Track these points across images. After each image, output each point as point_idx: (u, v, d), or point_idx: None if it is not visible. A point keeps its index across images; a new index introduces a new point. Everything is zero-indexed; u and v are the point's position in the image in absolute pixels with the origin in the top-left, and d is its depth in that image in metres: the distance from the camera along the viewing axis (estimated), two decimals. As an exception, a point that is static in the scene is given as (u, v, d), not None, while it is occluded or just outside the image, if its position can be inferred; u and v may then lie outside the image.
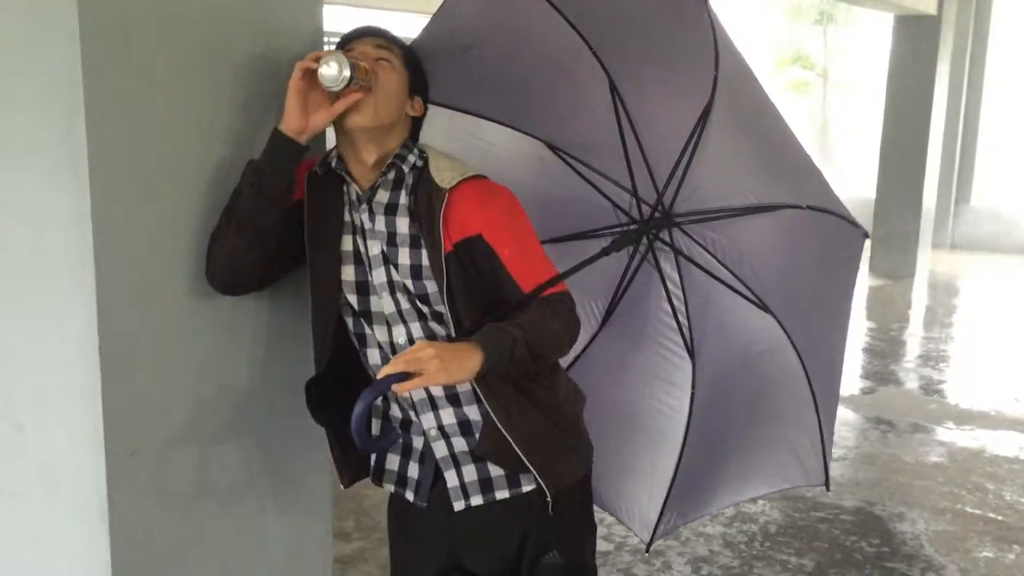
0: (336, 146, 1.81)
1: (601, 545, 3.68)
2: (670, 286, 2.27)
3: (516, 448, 1.75)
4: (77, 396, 1.65)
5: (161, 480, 1.76)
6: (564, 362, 2.01)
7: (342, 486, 1.94)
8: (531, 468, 1.78)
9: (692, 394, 2.30)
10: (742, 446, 2.49)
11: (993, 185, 14.04)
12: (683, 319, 2.28)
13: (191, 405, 1.80)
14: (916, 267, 10.00)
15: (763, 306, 2.23)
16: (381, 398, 1.90)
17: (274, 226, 1.73)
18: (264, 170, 1.70)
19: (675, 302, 2.28)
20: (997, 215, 12.25)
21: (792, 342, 2.26)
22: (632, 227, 2.22)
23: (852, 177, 18.25)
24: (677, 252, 2.22)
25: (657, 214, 2.16)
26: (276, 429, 1.94)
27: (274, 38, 1.83)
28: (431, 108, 1.93)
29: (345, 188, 1.81)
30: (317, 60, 1.66)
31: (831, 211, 2.18)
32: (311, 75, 1.67)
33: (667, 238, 2.21)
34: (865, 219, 10.53)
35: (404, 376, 1.56)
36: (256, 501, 1.96)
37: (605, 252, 2.05)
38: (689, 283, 2.25)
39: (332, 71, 1.64)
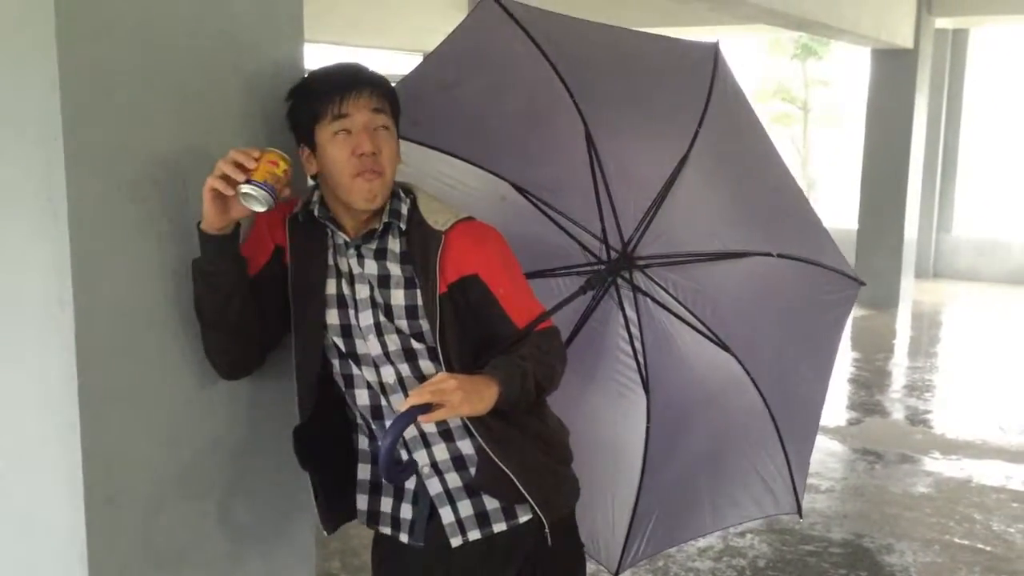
0: (317, 189, 1.80)
1: (589, 582, 3.65)
2: (629, 324, 2.34)
3: (514, 479, 1.77)
4: (56, 441, 1.63)
5: (140, 525, 1.74)
6: None
7: (325, 533, 1.92)
8: (528, 499, 1.79)
9: (647, 427, 2.37)
10: (708, 477, 2.54)
11: (974, 214, 14.18)
12: (640, 356, 2.36)
13: (170, 450, 1.78)
14: (899, 297, 10.05)
15: (722, 345, 2.30)
16: (370, 439, 1.89)
17: (246, 309, 1.73)
18: (207, 271, 1.69)
19: (634, 341, 2.35)
20: (978, 244, 12.33)
21: (753, 379, 2.33)
22: (598, 267, 2.28)
23: (834, 208, 18.39)
24: (636, 290, 2.30)
25: (622, 256, 2.24)
26: (257, 472, 1.93)
27: (257, 80, 1.83)
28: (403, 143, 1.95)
29: (329, 232, 1.81)
30: (226, 179, 1.59)
31: (812, 261, 2.27)
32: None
33: (628, 275, 2.29)
34: (847, 250, 10.56)
35: (427, 408, 1.59)
36: (238, 545, 1.93)
37: (582, 290, 2.13)
38: (647, 320, 2.33)
39: (258, 208, 1.63)
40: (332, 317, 1.81)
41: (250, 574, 1.97)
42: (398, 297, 1.78)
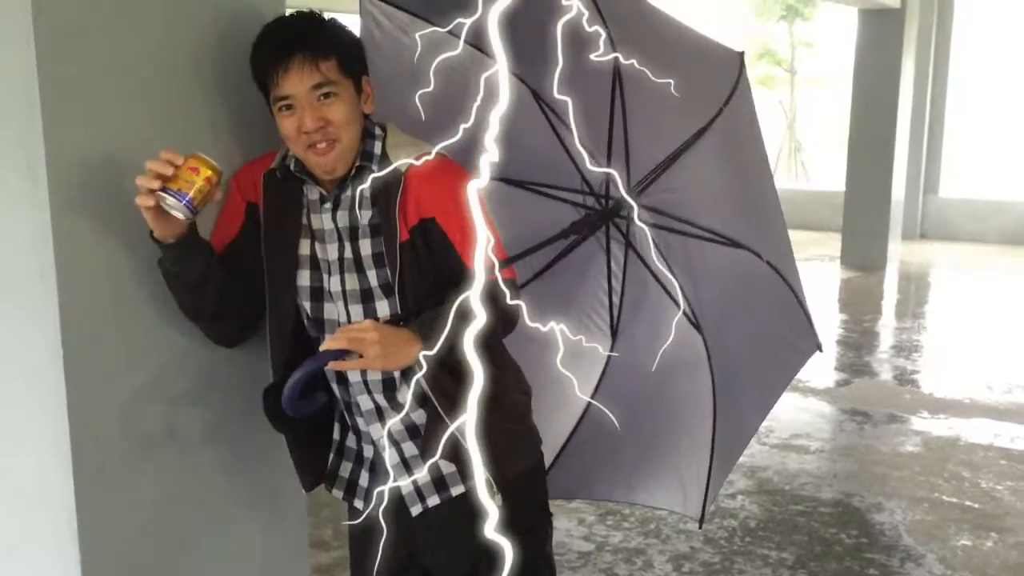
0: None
1: (582, 545, 3.66)
2: (614, 266, 2.34)
3: (460, 438, 1.74)
4: (42, 413, 1.62)
5: (131, 495, 1.73)
6: None
7: (303, 490, 1.91)
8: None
9: (602, 372, 2.38)
10: (638, 449, 2.53)
11: (960, 175, 14.18)
12: (616, 299, 2.36)
13: (159, 418, 1.77)
14: (887, 258, 10.08)
15: (695, 323, 2.28)
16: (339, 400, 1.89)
17: (222, 292, 1.71)
18: (171, 271, 1.67)
19: (613, 281, 2.35)
20: (965, 205, 12.35)
21: (711, 370, 2.30)
22: (591, 200, 2.25)
23: (821, 170, 18.37)
24: (629, 244, 2.29)
25: (625, 199, 2.20)
26: (248, 440, 1.92)
27: (237, 34, 1.79)
28: (422, 24, 1.91)
29: (304, 189, 1.78)
30: (151, 191, 1.53)
31: (793, 290, 2.28)
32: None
33: (624, 227, 2.27)
34: (835, 212, 10.60)
35: (343, 354, 1.58)
36: (230, 513, 1.93)
37: (563, 235, 2.08)
38: (632, 272, 2.32)
39: (181, 217, 1.56)
40: (303, 279, 1.80)
41: (243, 541, 1.97)
42: (366, 247, 1.75)
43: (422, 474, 1.84)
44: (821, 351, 2.40)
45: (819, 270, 9.89)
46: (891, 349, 6.95)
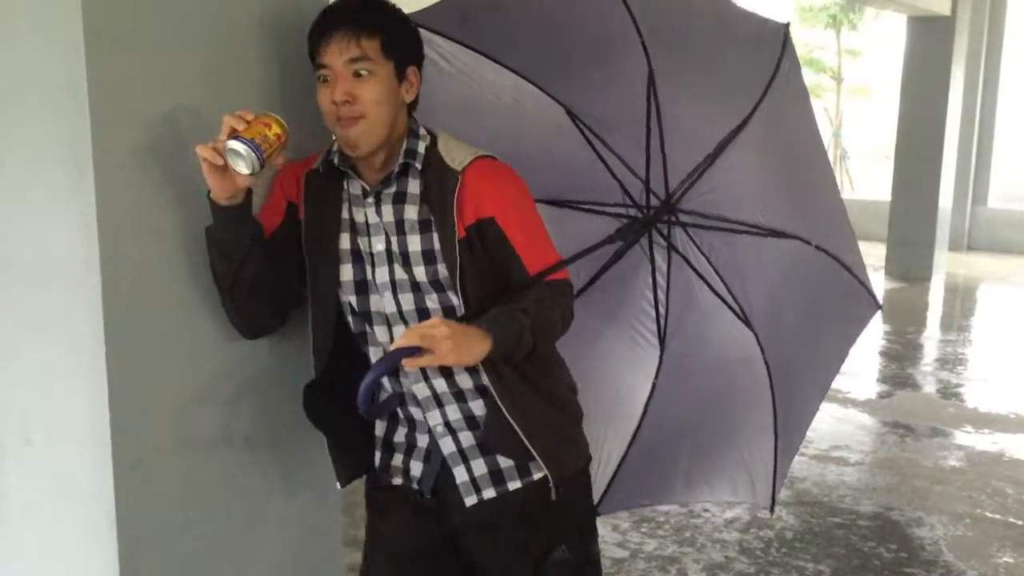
0: (336, 141, 1.78)
1: (616, 552, 3.65)
2: (658, 275, 2.33)
3: (521, 434, 1.75)
4: (84, 407, 1.64)
5: (168, 490, 1.75)
6: None
7: (339, 485, 1.92)
8: (535, 455, 1.78)
9: (654, 381, 2.37)
10: (698, 447, 2.53)
11: (1010, 187, 13.94)
12: (662, 308, 2.35)
13: (198, 413, 1.78)
14: (932, 270, 9.94)
15: (745, 320, 2.27)
16: (392, 392, 1.89)
17: (260, 274, 1.71)
18: (218, 238, 1.67)
19: (659, 291, 2.34)
20: (1014, 216, 12.16)
21: (766, 362, 2.30)
22: (633, 211, 2.25)
23: (867, 180, 18.14)
24: (672, 248, 2.27)
25: (664, 204, 2.20)
26: (285, 437, 1.93)
27: (282, 29, 1.81)
28: (455, 46, 1.90)
29: (346, 183, 1.80)
30: (216, 150, 1.56)
31: (844, 265, 2.25)
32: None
33: (666, 232, 2.26)
34: (881, 222, 10.47)
35: (415, 351, 1.58)
36: (266, 510, 1.94)
37: (610, 240, 2.09)
38: (676, 278, 2.31)
39: (243, 169, 1.56)
40: (346, 273, 1.80)
41: (277, 537, 1.98)
42: (415, 243, 1.76)
43: (479, 465, 1.83)
44: (880, 308, 2.39)
45: (862, 280, 9.76)
46: (935, 362, 6.85)
